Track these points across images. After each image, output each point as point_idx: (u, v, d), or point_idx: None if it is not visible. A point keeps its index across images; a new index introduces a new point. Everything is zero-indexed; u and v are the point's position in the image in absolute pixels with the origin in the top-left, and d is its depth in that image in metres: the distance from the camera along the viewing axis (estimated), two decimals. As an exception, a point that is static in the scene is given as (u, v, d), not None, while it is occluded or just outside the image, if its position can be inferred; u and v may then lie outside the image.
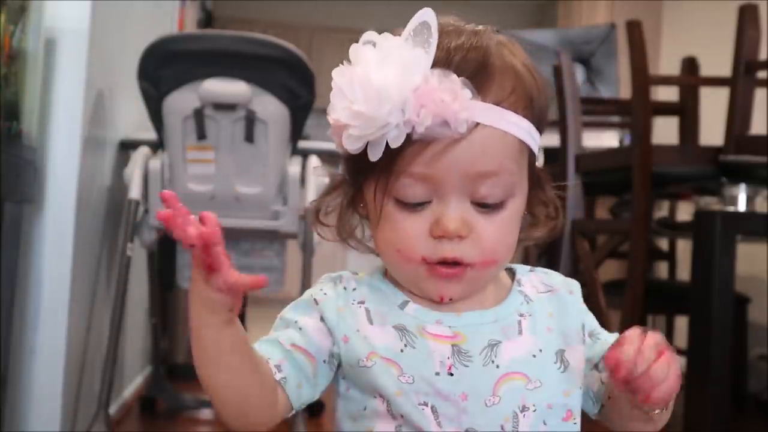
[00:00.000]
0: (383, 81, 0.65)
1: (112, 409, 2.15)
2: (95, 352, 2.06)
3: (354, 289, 0.74)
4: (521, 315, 0.73)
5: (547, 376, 0.71)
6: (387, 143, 0.66)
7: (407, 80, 0.65)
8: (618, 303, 2.28)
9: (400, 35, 0.68)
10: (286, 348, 0.71)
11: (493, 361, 0.69)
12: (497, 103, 0.67)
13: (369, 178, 0.70)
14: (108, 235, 2.17)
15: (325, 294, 0.74)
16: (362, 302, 0.73)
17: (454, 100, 0.64)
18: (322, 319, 0.72)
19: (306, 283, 2.05)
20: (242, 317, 3.81)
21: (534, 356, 0.71)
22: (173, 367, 2.92)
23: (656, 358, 0.63)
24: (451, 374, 0.68)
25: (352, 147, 0.67)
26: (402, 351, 0.69)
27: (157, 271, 2.37)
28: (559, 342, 0.73)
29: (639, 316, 2.29)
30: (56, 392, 1.77)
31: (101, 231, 2.10)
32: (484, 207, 0.69)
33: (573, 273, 2.30)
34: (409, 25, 0.67)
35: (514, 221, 0.71)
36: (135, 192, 2.04)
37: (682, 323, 3.21)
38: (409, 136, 0.66)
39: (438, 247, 0.68)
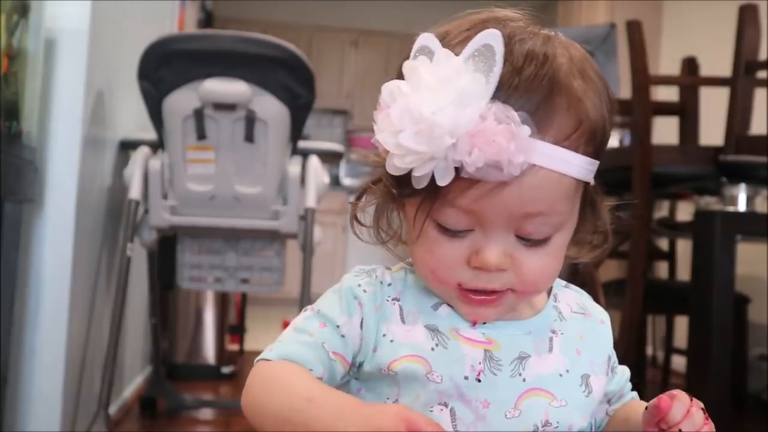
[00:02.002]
0: (435, 117, 0.60)
1: (112, 409, 2.15)
2: (95, 352, 2.06)
3: (389, 285, 0.71)
4: (553, 332, 0.72)
5: (572, 397, 0.70)
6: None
7: (462, 118, 0.60)
8: (618, 303, 2.28)
9: (450, 40, 0.64)
10: (330, 357, 0.69)
11: (520, 374, 0.68)
12: (557, 142, 0.63)
13: (412, 195, 0.66)
14: (108, 235, 2.17)
15: (364, 291, 0.70)
16: (396, 299, 0.70)
17: (510, 141, 0.59)
18: (361, 324, 0.69)
19: (306, 283, 2.05)
20: (242, 316, 3.82)
21: (560, 375, 0.70)
22: (173, 367, 2.92)
23: (703, 425, 0.67)
24: (479, 380, 0.67)
25: (395, 173, 0.63)
26: (433, 350, 0.67)
27: (157, 271, 2.37)
28: (586, 367, 0.72)
29: (639, 316, 2.29)
30: (56, 392, 1.77)
31: (101, 231, 2.10)
32: (528, 241, 0.66)
33: (573, 273, 2.30)
34: (472, 44, 0.61)
35: (559, 252, 0.68)
36: (135, 192, 2.04)
37: (682, 323, 3.21)
38: (457, 169, 0.61)
39: (475, 277, 0.66)
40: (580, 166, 0.65)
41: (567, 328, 0.73)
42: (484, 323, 0.69)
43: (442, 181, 0.61)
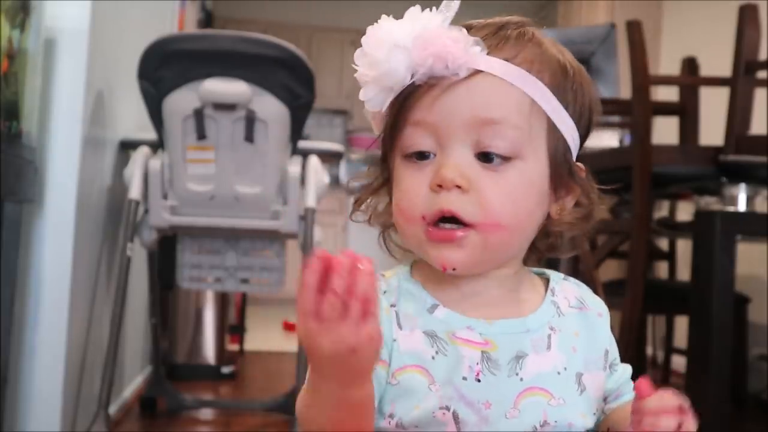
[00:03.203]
0: (394, 28, 0.67)
1: (112, 409, 2.15)
2: (95, 352, 2.06)
3: (384, 292, 0.71)
4: (552, 329, 0.71)
5: (569, 395, 0.69)
6: (399, 96, 0.68)
7: (414, 27, 0.66)
8: (618, 303, 2.28)
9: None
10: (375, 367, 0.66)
11: (517, 374, 0.68)
12: (507, 60, 0.67)
13: (388, 144, 0.71)
14: (108, 235, 2.17)
15: None
16: (393, 305, 0.70)
17: (457, 44, 0.65)
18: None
19: (306, 283, 2.05)
20: (242, 316, 3.81)
21: (559, 373, 0.70)
22: (173, 367, 2.92)
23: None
24: (479, 380, 0.67)
25: (367, 96, 0.68)
26: (433, 358, 0.67)
27: (157, 271, 2.37)
28: (580, 365, 0.71)
29: (639, 316, 2.29)
30: (56, 392, 1.77)
31: (101, 231, 2.10)
32: (489, 161, 0.66)
33: (573, 273, 2.30)
34: (440, 7, 0.68)
35: (523, 186, 0.68)
36: (135, 192, 2.04)
37: (682, 323, 3.21)
38: (415, 86, 0.67)
39: (436, 200, 0.66)
40: (530, 84, 0.67)
41: (564, 325, 0.72)
42: (454, 270, 0.68)
43: (399, 85, 0.67)
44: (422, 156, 0.68)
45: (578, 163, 0.73)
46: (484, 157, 0.67)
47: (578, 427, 0.70)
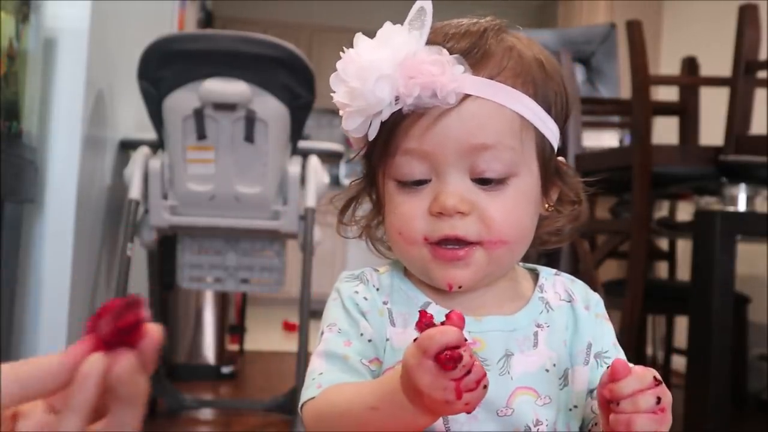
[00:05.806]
0: (372, 56, 0.65)
1: (112, 409, 2.15)
2: (95, 352, 2.06)
3: (377, 290, 0.72)
4: (539, 326, 0.71)
5: (555, 392, 0.69)
6: (386, 123, 0.66)
7: (396, 55, 0.65)
8: (618, 303, 2.28)
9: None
10: (371, 369, 0.68)
11: (508, 372, 0.68)
12: (491, 78, 0.66)
13: (376, 166, 0.70)
14: (108, 235, 2.17)
15: (365, 299, 0.71)
16: (385, 302, 0.71)
17: (443, 72, 0.64)
18: (372, 327, 0.70)
19: (306, 283, 2.05)
20: (242, 316, 3.80)
21: (547, 371, 0.69)
22: (173, 367, 2.92)
23: (648, 411, 0.60)
24: None
25: (351, 126, 0.67)
26: None
27: (157, 271, 2.37)
28: (568, 359, 0.71)
29: (639, 316, 2.29)
30: (56, 392, 1.77)
31: (101, 231, 2.10)
32: (485, 184, 0.67)
33: (573, 273, 2.30)
34: (409, 13, 0.67)
35: (522, 201, 0.69)
36: (135, 192, 2.04)
37: (682, 323, 3.21)
38: (402, 113, 0.66)
39: (438, 225, 0.67)
40: (518, 101, 0.67)
41: (554, 319, 0.72)
42: (460, 288, 0.68)
43: (384, 116, 0.66)
44: (418, 182, 0.68)
45: (559, 158, 0.74)
46: (481, 180, 0.67)
47: (574, 426, 0.70)
